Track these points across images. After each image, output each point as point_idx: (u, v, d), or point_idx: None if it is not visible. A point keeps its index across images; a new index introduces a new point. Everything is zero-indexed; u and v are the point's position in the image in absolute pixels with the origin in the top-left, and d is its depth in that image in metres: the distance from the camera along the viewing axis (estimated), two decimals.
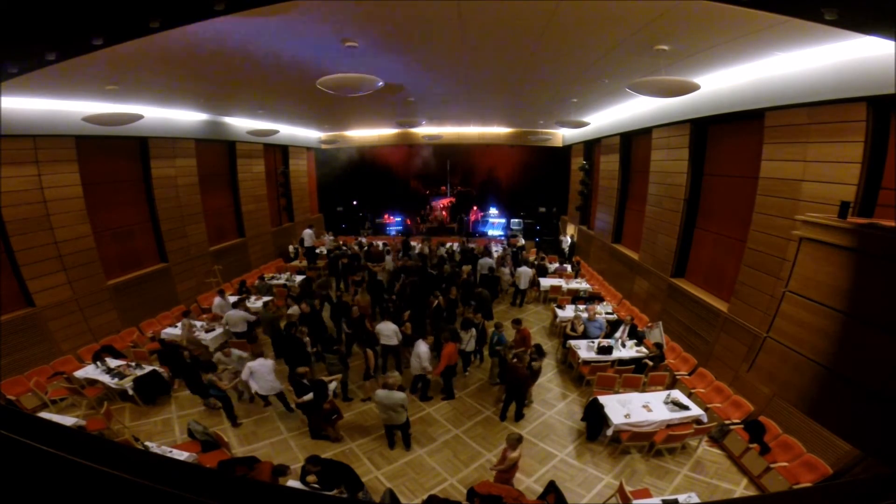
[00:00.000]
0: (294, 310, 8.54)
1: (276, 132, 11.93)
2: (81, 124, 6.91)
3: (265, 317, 8.89)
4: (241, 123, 12.02)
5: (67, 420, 5.78)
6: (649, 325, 8.50)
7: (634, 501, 4.49)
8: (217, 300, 9.52)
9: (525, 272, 11.27)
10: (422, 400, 7.22)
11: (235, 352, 7.08)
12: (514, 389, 6.58)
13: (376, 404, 5.83)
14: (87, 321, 8.24)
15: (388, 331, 7.56)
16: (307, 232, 14.95)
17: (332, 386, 6.26)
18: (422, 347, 6.96)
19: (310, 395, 5.95)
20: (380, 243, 14.72)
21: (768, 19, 3.86)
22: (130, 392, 6.81)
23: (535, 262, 12.95)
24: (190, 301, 10.69)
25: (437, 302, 8.84)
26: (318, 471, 4.71)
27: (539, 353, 6.96)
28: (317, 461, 4.77)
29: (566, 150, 16.54)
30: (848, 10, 2.17)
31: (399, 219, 19.78)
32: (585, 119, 11.30)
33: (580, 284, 11.73)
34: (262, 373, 6.39)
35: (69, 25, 2.43)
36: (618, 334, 8.18)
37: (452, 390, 7.37)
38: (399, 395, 5.68)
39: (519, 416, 6.75)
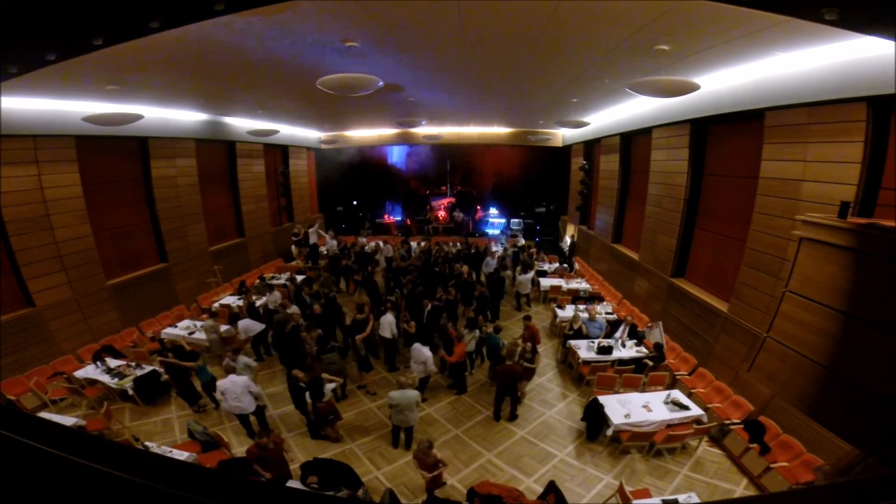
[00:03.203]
0: (293, 309, 8.51)
1: (276, 132, 11.93)
2: (81, 124, 6.91)
3: (275, 318, 8.82)
4: (241, 123, 12.01)
5: (67, 420, 5.78)
6: (649, 325, 8.50)
7: (634, 501, 4.50)
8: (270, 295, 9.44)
9: (526, 280, 11.20)
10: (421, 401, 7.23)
11: (242, 359, 6.80)
12: (508, 387, 6.57)
13: (391, 407, 5.81)
14: (87, 321, 8.24)
15: (384, 322, 7.68)
16: (311, 229, 14.81)
17: (331, 386, 6.21)
18: (425, 352, 6.89)
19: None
20: (380, 243, 14.67)
21: (768, 19, 3.86)
22: (130, 392, 6.81)
23: (525, 258, 12.78)
24: (190, 301, 10.69)
25: (430, 305, 8.77)
26: (316, 477, 4.71)
27: (532, 352, 6.97)
28: (315, 467, 4.77)
29: (566, 150, 16.53)
30: (848, 10, 2.17)
31: (399, 219, 19.78)
32: (585, 119, 11.29)
33: (580, 284, 11.72)
34: (231, 392, 5.77)
35: (69, 25, 2.42)
36: (618, 334, 8.18)
37: (465, 384, 7.57)
38: (414, 394, 5.76)
39: (513, 416, 6.75)
